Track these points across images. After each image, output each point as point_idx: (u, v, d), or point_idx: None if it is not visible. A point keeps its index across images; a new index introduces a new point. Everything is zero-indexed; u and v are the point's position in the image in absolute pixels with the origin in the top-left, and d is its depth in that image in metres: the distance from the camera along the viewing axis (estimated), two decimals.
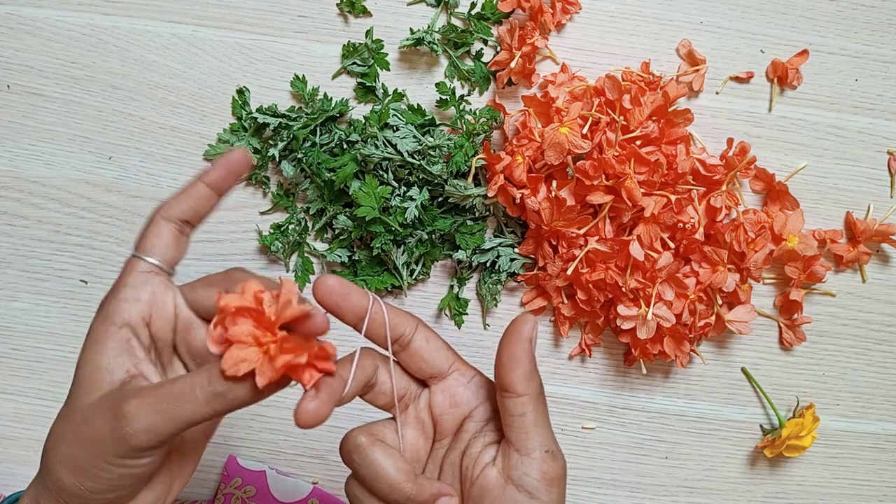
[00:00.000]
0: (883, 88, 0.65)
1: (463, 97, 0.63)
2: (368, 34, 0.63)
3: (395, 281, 0.63)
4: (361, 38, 0.64)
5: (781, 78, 0.64)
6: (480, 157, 0.60)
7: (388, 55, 0.63)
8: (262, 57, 0.64)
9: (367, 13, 0.64)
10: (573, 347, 0.65)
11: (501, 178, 0.59)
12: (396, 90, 0.63)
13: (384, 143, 0.60)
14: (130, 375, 0.36)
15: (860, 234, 0.64)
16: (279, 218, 0.64)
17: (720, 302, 0.62)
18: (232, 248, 0.65)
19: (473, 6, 0.63)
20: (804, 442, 0.62)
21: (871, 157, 0.65)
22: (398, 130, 0.61)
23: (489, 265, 0.63)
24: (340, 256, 0.63)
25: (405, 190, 0.61)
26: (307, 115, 0.62)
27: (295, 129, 0.61)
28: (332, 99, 0.63)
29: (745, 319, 0.61)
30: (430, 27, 0.63)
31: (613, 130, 0.58)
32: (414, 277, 0.63)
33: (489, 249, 0.62)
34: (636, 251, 0.58)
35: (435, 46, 0.62)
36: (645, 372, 0.64)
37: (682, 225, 0.59)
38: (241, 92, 0.64)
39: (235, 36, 0.64)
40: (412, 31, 0.63)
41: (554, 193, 0.59)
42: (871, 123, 0.65)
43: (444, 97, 0.62)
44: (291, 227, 0.63)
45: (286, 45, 0.64)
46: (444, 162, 0.60)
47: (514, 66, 0.60)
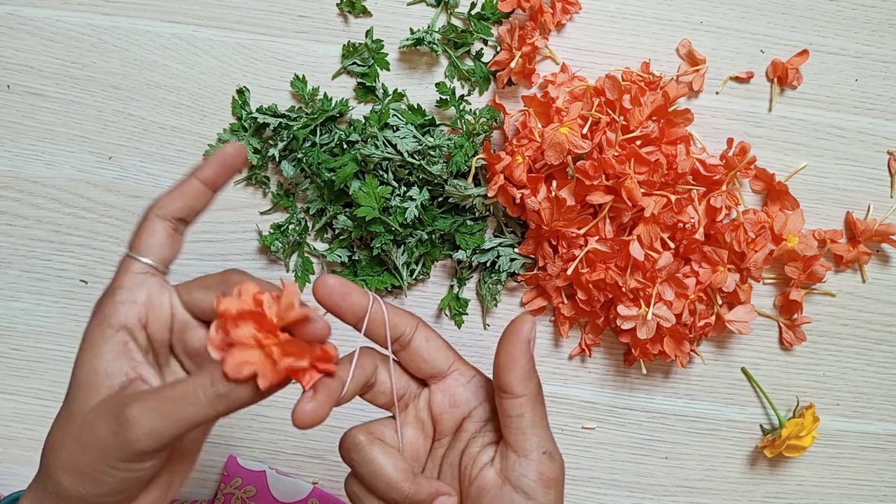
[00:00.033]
0: (883, 88, 0.65)
1: (463, 97, 0.63)
2: (368, 34, 0.63)
3: (395, 281, 0.63)
4: (361, 38, 0.64)
5: (781, 78, 0.64)
6: (480, 157, 0.60)
7: (388, 55, 0.63)
8: (262, 57, 0.64)
9: (367, 13, 0.64)
10: (573, 347, 0.65)
11: (501, 178, 0.59)
12: (396, 90, 0.63)
13: (384, 143, 0.60)
14: (129, 379, 0.36)
15: (860, 234, 0.64)
16: (279, 218, 0.64)
17: (720, 302, 0.62)
18: (232, 248, 0.65)
19: (473, 6, 0.63)
20: (804, 442, 0.62)
21: (871, 157, 0.65)
22: (398, 130, 0.61)
23: (489, 265, 0.63)
24: (340, 256, 0.63)
25: (405, 190, 0.61)
26: (307, 115, 0.62)
27: (295, 129, 0.61)
28: (332, 99, 0.63)
29: (745, 319, 0.61)
30: (430, 27, 0.63)
31: (613, 130, 0.58)
32: (414, 277, 0.63)
33: (489, 249, 0.62)
34: (636, 251, 0.58)
35: (435, 46, 0.62)
36: (645, 372, 0.64)
37: (682, 225, 0.59)
38: (241, 92, 0.64)
39: (235, 36, 0.64)
40: (412, 31, 0.63)
41: (554, 193, 0.59)
42: (871, 123, 0.65)
43: (444, 97, 0.62)
44: (291, 227, 0.63)
45: (286, 45, 0.64)
46: (444, 162, 0.60)
47: (514, 66, 0.60)
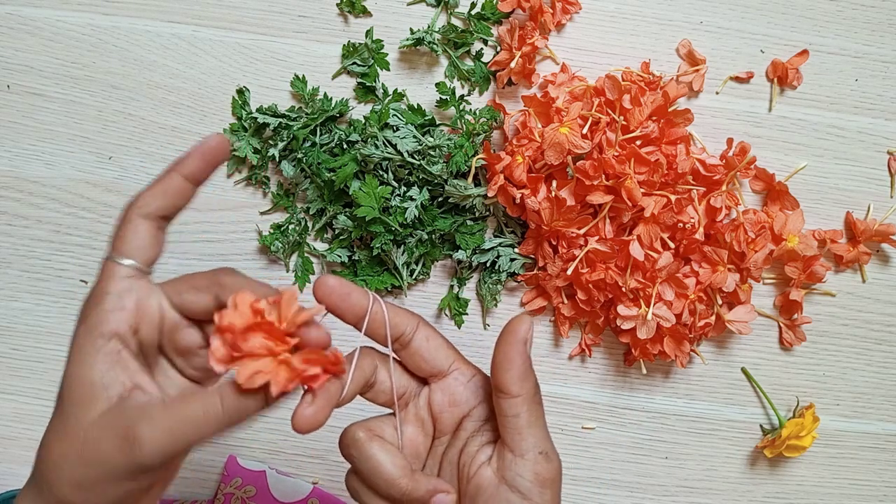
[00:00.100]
0: (883, 88, 0.65)
1: (463, 97, 0.63)
2: (368, 34, 0.63)
3: (395, 281, 0.63)
4: (361, 38, 0.64)
5: (781, 78, 0.64)
6: (480, 157, 0.60)
7: (388, 55, 0.63)
8: (262, 57, 0.64)
9: (367, 13, 0.64)
10: (573, 347, 0.65)
11: (501, 178, 0.59)
12: (396, 90, 0.63)
13: (384, 143, 0.60)
14: (127, 389, 0.36)
15: (860, 234, 0.64)
16: (279, 218, 0.64)
17: (720, 302, 0.62)
18: (232, 248, 0.65)
19: (473, 6, 0.63)
20: (804, 442, 0.62)
21: (871, 157, 0.65)
22: (398, 130, 0.61)
23: (489, 265, 0.63)
24: (340, 256, 0.63)
25: (405, 190, 0.61)
26: (307, 115, 0.62)
27: (295, 129, 0.61)
28: (332, 99, 0.63)
29: (745, 319, 0.61)
30: (430, 27, 0.63)
31: (613, 130, 0.58)
32: (414, 277, 0.63)
33: (489, 249, 0.62)
34: (636, 251, 0.58)
35: (435, 46, 0.62)
36: (645, 372, 0.64)
37: (682, 225, 0.59)
38: (241, 92, 0.64)
39: (235, 36, 0.64)
40: (412, 31, 0.63)
41: (554, 193, 0.59)
42: (871, 123, 0.65)
43: (444, 97, 0.62)
44: (291, 227, 0.63)
45: (286, 45, 0.64)
46: (444, 162, 0.60)
47: (514, 66, 0.60)
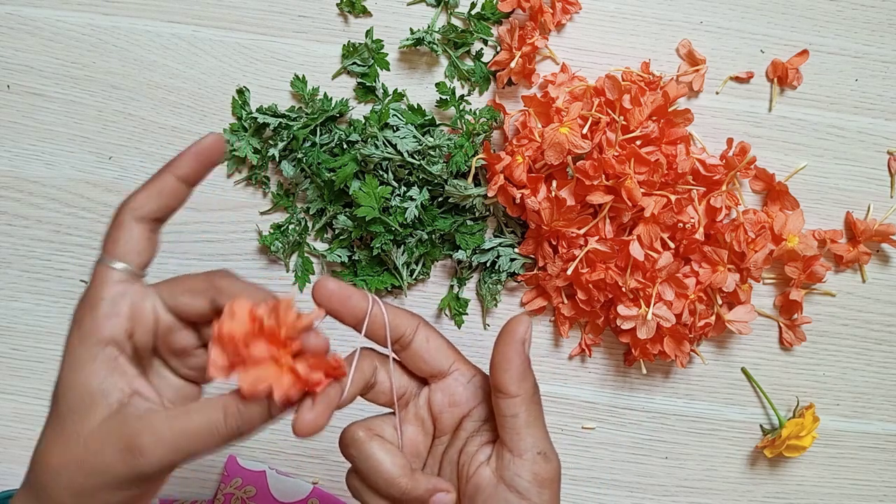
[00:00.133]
0: (883, 88, 0.65)
1: (463, 97, 0.63)
2: (368, 34, 0.63)
3: (395, 281, 0.63)
4: (361, 38, 0.64)
5: (781, 78, 0.64)
6: (480, 157, 0.60)
7: (388, 55, 0.63)
8: (262, 57, 0.64)
9: (367, 13, 0.64)
10: (573, 347, 0.65)
11: (501, 178, 0.59)
12: (396, 90, 0.63)
13: (384, 143, 0.60)
14: (127, 395, 0.36)
15: (860, 234, 0.64)
16: (279, 218, 0.64)
17: (720, 302, 0.62)
18: (232, 248, 0.65)
19: (473, 6, 0.63)
20: (804, 442, 0.62)
21: (871, 157, 0.65)
22: (398, 130, 0.61)
23: (489, 265, 0.63)
24: (340, 256, 0.63)
25: (405, 190, 0.61)
26: (307, 115, 0.62)
27: (295, 129, 0.61)
28: (332, 99, 0.63)
29: (745, 319, 0.61)
30: (430, 27, 0.63)
31: (613, 130, 0.58)
32: (414, 277, 0.63)
33: (489, 249, 0.62)
34: (636, 251, 0.58)
35: (435, 46, 0.62)
36: (645, 372, 0.64)
37: (682, 225, 0.59)
38: (241, 92, 0.64)
39: (235, 36, 0.64)
40: (412, 31, 0.63)
41: (554, 193, 0.59)
42: (871, 123, 0.65)
43: (444, 97, 0.62)
44: (291, 227, 0.63)
45: (286, 45, 0.64)
46: (444, 162, 0.60)
47: (514, 66, 0.60)
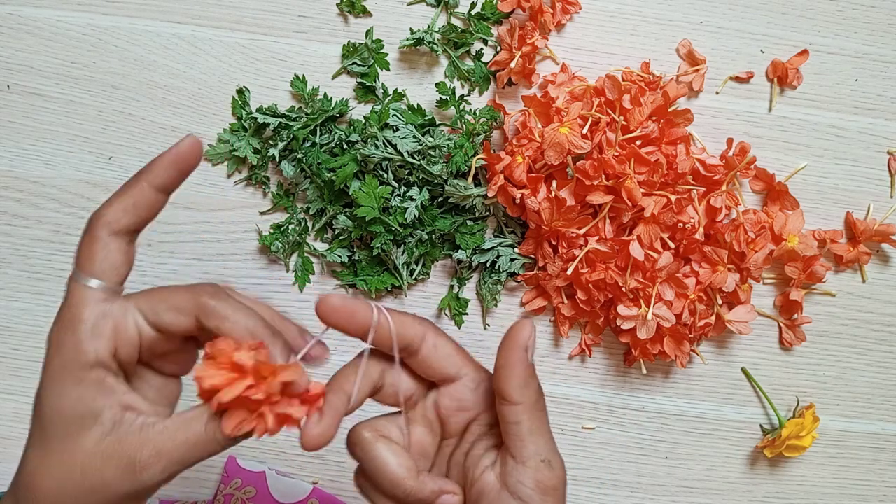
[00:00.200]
0: (883, 88, 0.65)
1: (463, 97, 0.63)
2: (368, 34, 0.63)
3: (395, 281, 0.63)
4: (361, 38, 0.64)
5: (781, 78, 0.64)
6: (480, 157, 0.60)
7: (388, 55, 0.63)
8: (262, 57, 0.64)
9: (367, 13, 0.64)
10: (573, 347, 0.65)
11: (501, 178, 0.59)
12: (396, 90, 0.63)
13: (384, 143, 0.60)
14: (119, 413, 0.35)
15: (860, 234, 0.64)
16: (279, 218, 0.64)
17: (720, 302, 0.62)
18: (232, 248, 0.65)
19: (473, 6, 0.63)
20: (804, 442, 0.62)
21: (871, 157, 0.65)
22: (398, 130, 0.61)
23: (489, 265, 0.63)
24: (340, 256, 0.63)
25: (405, 190, 0.61)
26: (307, 115, 0.62)
27: (295, 129, 0.61)
28: (332, 99, 0.63)
29: (745, 319, 0.61)
30: (430, 27, 0.63)
31: (613, 130, 0.58)
32: (414, 277, 0.63)
33: (489, 249, 0.62)
34: (636, 251, 0.58)
35: (435, 46, 0.62)
36: (645, 372, 0.64)
37: (682, 225, 0.59)
38: (241, 92, 0.64)
39: (235, 36, 0.64)
40: (412, 31, 0.63)
41: (554, 193, 0.59)
42: (871, 123, 0.65)
43: (444, 97, 0.62)
44: (291, 227, 0.63)
45: (286, 45, 0.64)
46: (444, 162, 0.60)
47: (514, 66, 0.60)
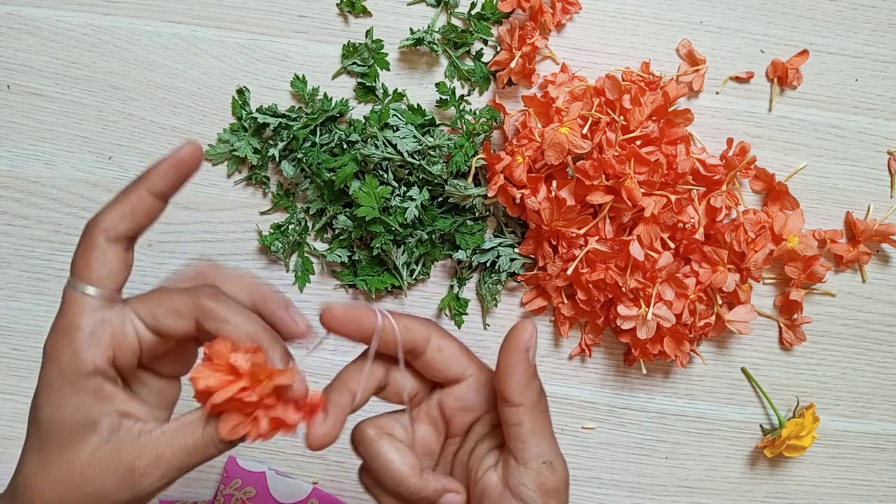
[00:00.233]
0: (883, 88, 0.65)
1: (463, 97, 0.63)
2: (368, 34, 0.63)
3: (395, 281, 0.63)
4: (361, 38, 0.64)
5: (781, 78, 0.64)
6: (480, 157, 0.60)
7: (388, 55, 0.63)
8: (262, 57, 0.64)
9: (367, 13, 0.64)
10: (573, 347, 0.65)
11: (501, 178, 0.59)
12: (396, 90, 0.63)
13: (384, 143, 0.60)
14: (117, 420, 0.35)
15: (860, 234, 0.64)
16: (279, 218, 0.64)
17: (720, 302, 0.62)
18: (232, 248, 0.65)
19: (473, 6, 0.63)
20: (804, 442, 0.62)
21: (871, 157, 0.65)
22: (398, 130, 0.61)
23: (489, 265, 0.63)
24: (340, 256, 0.63)
25: (405, 190, 0.61)
26: (307, 115, 0.62)
27: (295, 129, 0.61)
28: (332, 99, 0.63)
29: (745, 319, 0.61)
30: (430, 27, 0.63)
31: (613, 130, 0.58)
32: (414, 277, 0.63)
33: (489, 249, 0.62)
34: (636, 251, 0.58)
35: (435, 46, 0.62)
36: (645, 372, 0.64)
37: (682, 225, 0.59)
38: (241, 92, 0.64)
39: (235, 36, 0.64)
40: (412, 31, 0.63)
41: (554, 193, 0.59)
42: (871, 123, 0.65)
43: (444, 97, 0.62)
44: (291, 227, 0.63)
45: (286, 45, 0.64)
46: (444, 162, 0.60)
47: (514, 66, 0.60)
